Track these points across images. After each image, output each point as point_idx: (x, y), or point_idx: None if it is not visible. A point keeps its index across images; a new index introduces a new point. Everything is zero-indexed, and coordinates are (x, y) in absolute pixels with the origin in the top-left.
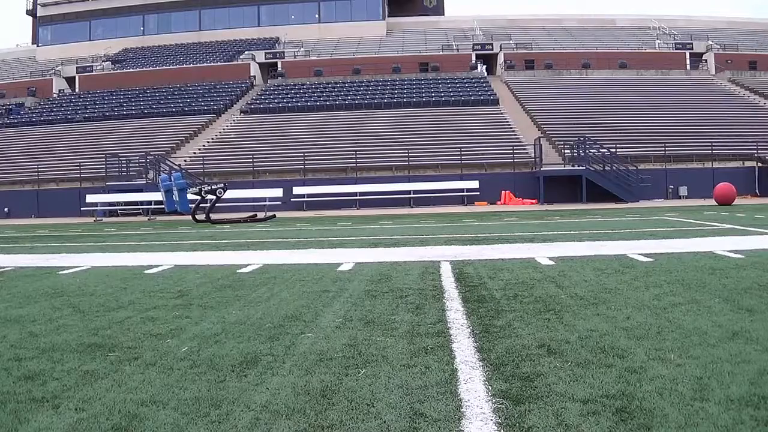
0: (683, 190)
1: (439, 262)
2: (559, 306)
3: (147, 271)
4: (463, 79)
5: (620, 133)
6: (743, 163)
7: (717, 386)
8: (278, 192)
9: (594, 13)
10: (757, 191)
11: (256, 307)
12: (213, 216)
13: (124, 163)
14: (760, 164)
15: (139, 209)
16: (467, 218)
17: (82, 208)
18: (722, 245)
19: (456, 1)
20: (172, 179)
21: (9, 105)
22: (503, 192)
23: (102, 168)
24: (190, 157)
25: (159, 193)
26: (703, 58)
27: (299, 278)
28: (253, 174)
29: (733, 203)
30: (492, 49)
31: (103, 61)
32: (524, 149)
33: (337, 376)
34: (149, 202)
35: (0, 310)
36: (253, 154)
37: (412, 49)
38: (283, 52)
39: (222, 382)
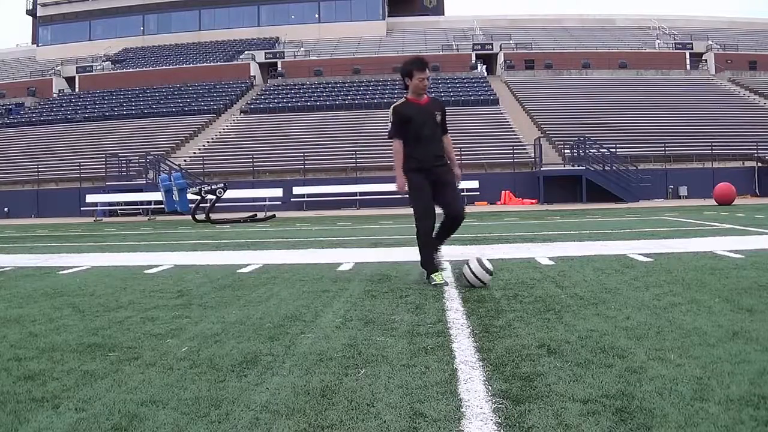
0: (683, 190)
1: None
2: (559, 306)
3: (147, 271)
4: (463, 79)
5: (620, 133)
6: (743, 163)
7: (717, 386)
8: (278, 192)
9: (594, 13)
10: (756, 191)
11: (256, 307)
12: (213, 216)
13: (124, 163)
14: (760, 164)
15: (139, 209)
16: (467, 218)
17: (82, 208)
18: (722, 245)
19: (456, 1)
20: (172, 179)
21: (9, 105)
22: (503, 192)
23: (102, 168)
24: (190, 157)
25: (159, 193)
26: (703, 58)
27: (299, 278)
28: (253, 174)
29: (733, 203)
30: (492, 49)
31: (103, 61)
32: (524, 149)
33: (337, 376)
34: (149, 202)
35: (0, 310)
36: (253, 154)
37: (412, 49)
38: (283, 52)
39: (222, 382)
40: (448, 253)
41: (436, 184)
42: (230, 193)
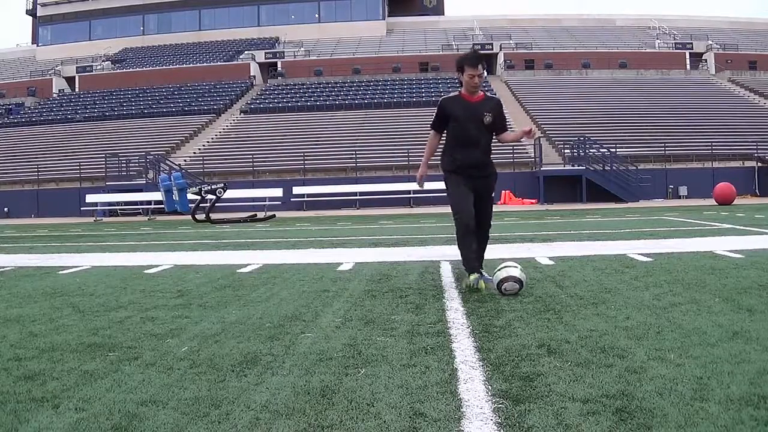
0: (683, 190)
1: (439, 262)
2: (559, 306)
3: (147, 271)
4: None
5: (620, 133)
6: (743, 163)
7: (717, 386)
8: (278, 192)
9: (594, 13)
10: (756, 191)
11: (256, 307)
12: (213, 216)
13: (124, 163)
14: (760, 164)
15: (139, 209)
16: None
17: (82, 208)
18: (722, 245)
19: (456, 1)
20: (172, 179)
21: (9, 105)
22: (503, 192)
23: (102, 168)
24: (190, 157)
25: (159, 193)
26: (703, 58)
27: (299, 278)
28: (253, 174)
29: (733, 203)
30: (492, 49)
31: (103, 61)
32: (524, 149)
33: (337, 375)
34: (149, 202)
35: (0, 310)
36: (253, 154)
37: (412, 48)
38: (283, 52)
39: (222, 382)
40: (447, 252)
41: (475, 193)
42: (230, 193)
